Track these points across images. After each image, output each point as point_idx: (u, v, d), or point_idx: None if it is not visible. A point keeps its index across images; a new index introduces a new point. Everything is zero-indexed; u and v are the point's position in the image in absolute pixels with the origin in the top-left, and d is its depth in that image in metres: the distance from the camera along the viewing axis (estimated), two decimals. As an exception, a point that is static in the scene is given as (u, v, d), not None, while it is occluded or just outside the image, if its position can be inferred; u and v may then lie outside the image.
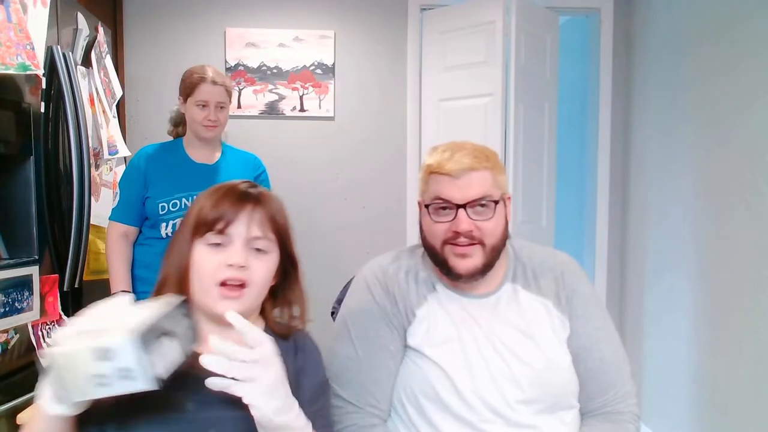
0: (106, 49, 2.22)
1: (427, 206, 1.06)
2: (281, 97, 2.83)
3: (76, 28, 1.98)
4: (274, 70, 2.82)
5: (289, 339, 0.92)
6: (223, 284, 0.83)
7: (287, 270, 0.95)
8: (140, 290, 1.83)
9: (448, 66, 2.78)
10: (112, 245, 1.84)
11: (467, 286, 1.09)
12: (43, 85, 1.73)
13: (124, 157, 2.25)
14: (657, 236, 2.58)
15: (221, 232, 0.85)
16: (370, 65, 2.87)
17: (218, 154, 1.93)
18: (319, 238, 2.85)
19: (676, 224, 2.41)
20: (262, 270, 0.87)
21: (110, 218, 1.87)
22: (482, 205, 1.03)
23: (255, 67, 2.81)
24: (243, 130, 2.79)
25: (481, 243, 1.03)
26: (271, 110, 2.83)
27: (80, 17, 2.00)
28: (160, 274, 0.90)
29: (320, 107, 2.85)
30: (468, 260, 1.03)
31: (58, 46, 1.79)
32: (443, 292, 1.10)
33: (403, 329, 1.07)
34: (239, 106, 2.80)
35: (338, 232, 2.89)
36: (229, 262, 0.83)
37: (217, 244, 0.85)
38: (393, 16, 2.86)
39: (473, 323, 1.06)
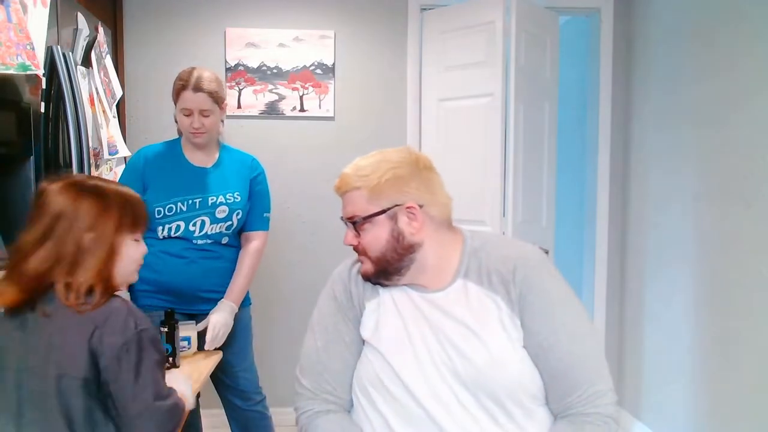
0: (106, 49, 2.22)
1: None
2: (281, 97, 2.83)
3: (76, 28, 1.99)
4: (274, 70, 2.82)
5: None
6: None
7: None
8: (138, 289, 1.83)
9: (448, 66, 2.77)
10: None
11: (417, 283, 1.14)
12: (43, 85, 1.73)
13: (124, 157, 2.25)
14: (657, 235, 2.58)
15: None
16: (370, 65, 2.87)
17: (216, 156, 1.92)
18: (319, 238, 2.86)
19: (676, 223, 2.41)
20: None
21: None
22: (354, 223, 1.11)
23: (255, 67, 2.81)
24: (243, 130, 2.79)
25: (365, 254, 1.12)
26: (271, 110, 2.83)
27: (80, 17, 2.01)
28: None
29: (320, 107, 2.85)
30: (363, 266, 1.14)
31: (58, 46, 1.79)
32: (395, 287, 1.15)
33: (357, 322, 1.15)
34: (239, 106, 2.80)
35: (338, 231, 2.84)
36: None
37: None
38: (393, 16, 2.86)
39: (420, 317, 1.10)
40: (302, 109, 2.84)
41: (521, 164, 2.64)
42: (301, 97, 2.84)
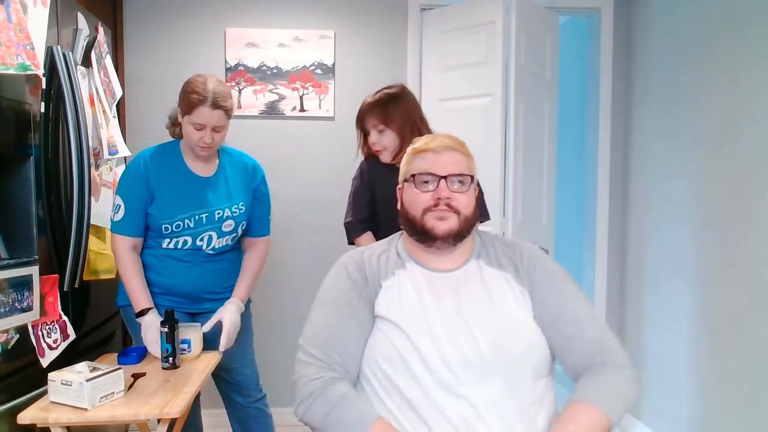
0: (106, 49, 2.22)
1: (413, 176, 1.22)
2: (281, 97, 2.83)
3: (76, 28, 1.99)
4: (274, 70, 2.82)
5: None
6: None
7: None
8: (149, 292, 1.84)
9: (448, 66, 2.77)
10: (123, 260, 1.79)
11: (436, 261, 1.22)
12: (43, 85, 1.73)
13: (124, 157, 2.25)
14: (657, 236, 2.58)
15: None
16: (370, 65, 2.87)
17: (217, 162, 1.90)
18: (319, 237, 2.86)
19: (676, 224, 2.41)
20: None
21: (115, 231, 1.80)
22: (460, 181, 1.20)
23: (255, 67, 2.81)
24: (243, 130, 2.79)
25: (457, 212, 1.19)
26: (271, 110, 2.83)
27: (80, 17, 2.01)
28: None
29: (320, 107, 2.85)
30: (446, 222, 1.19)
31: (58, 46, 1.79)
32: (411, 267, 1.22)
33: (371, 300, 1.19)
34: (239, 106, 2.80)
35: (339, 231, 2.87)
36: None
37: None
38: (393, 16, 2.86)
39: (437, 294, 1.17)
40: (302, 109, 2.84)
41: (521, 164, 2.64)
42: (301, 97, 2.84)
